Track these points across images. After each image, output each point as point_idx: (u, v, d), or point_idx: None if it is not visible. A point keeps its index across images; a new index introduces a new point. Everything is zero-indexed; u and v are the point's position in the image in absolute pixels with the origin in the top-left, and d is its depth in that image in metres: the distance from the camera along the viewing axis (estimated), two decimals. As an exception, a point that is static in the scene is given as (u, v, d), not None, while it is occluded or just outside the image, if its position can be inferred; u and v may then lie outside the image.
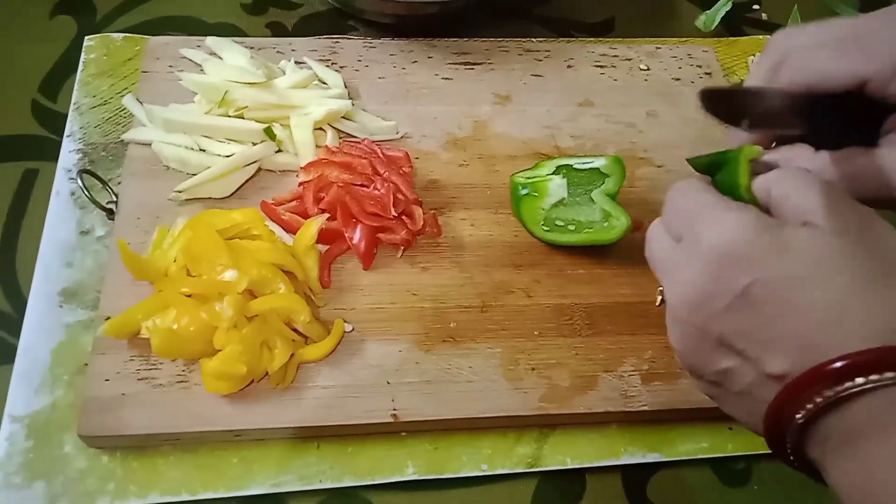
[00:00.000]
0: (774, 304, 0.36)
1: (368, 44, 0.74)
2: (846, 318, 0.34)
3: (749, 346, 0.36)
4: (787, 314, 0.35)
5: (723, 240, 0.37)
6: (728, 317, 0.37)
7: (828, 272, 0.36)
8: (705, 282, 0.37)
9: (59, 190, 0.62)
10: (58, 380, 0.54)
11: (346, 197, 0.59)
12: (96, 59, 0.70)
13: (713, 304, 0.37)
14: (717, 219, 0.38)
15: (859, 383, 0.32)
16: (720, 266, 0.37)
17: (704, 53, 0.78)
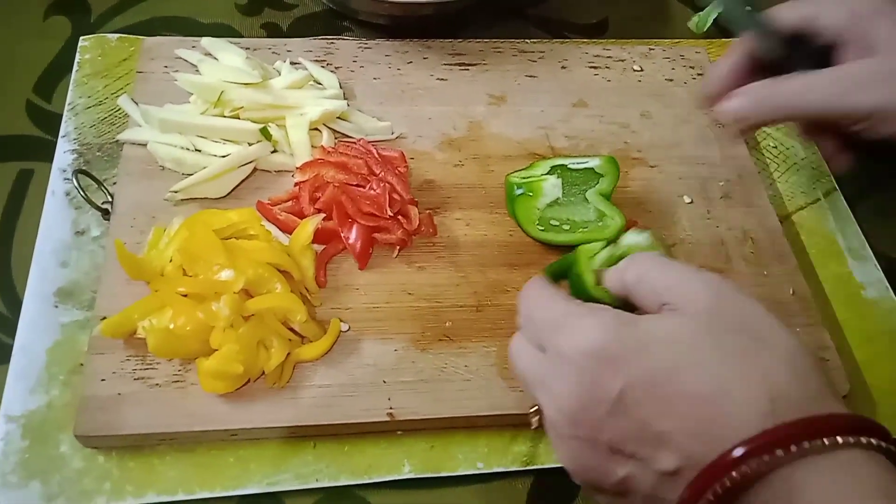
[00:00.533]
0: (651, 401, 0.35)
1: (363, 44, 0.74)
2: (724, 403, 0.34)
3: (638, 448, 0.36)
4: (665, 409, 0.35)
5: (586, 347, 0.37)
6: (611, 423, 0.36)
7: (695, 357, 0.35)
8: (579, 392, 0.37)
9: (54, 190, 0.62)
10: (54, 379, 0.54)
11: (341, 197, 0.59)
12: (91, 60, 0.70)
13: (593, 412, 0.36)
14: (576, 326, 0.38)
15: (754, 469, 0.32)
16: (590, 375, 0.36)
17: (697, 55, 0.78)
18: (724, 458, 0.33)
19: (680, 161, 0.69)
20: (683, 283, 0.38)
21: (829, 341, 0.59)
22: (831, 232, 0.68)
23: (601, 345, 0.37)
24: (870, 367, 0.61)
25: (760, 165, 0.72)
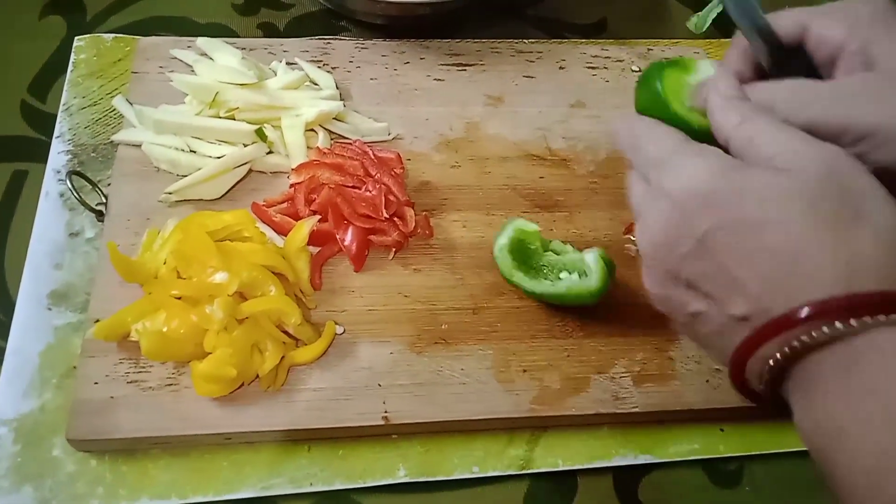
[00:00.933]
0: (732, 248, 0.36)
1: (360, 45, 0.73)
2: (803, 263, 0.34)
3: (714, 289, 0.37)
4: (745, 258, 0.36)
5: (684, 186, 0.38)
6: (691, 261, 0.37)
7: (785, 216, 0.36)
8: (667, 227, 0.38)
9: (48, 191, 0.62)
10: (46, 383, 0.53)
11: (337, 198, 0.58)
12: (86, 60, 0.70)
13: (676, 249, 0.38)
14: (681, 164, 0.39)
15: (816, 336, 0.33)
16: (681, 212, 0.37)
17: (696, 55, 0.78)
18: (788, 316, 0.34)
19: (678, 162, 0.69)
20: (798, 152, 0.38)
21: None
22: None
23: (699, 185, 0.37)
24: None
25: (759, 167, 0.71)
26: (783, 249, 0.35)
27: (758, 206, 0.36)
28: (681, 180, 0.38)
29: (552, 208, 0.64)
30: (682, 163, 0.39)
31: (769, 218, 0.36)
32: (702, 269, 0.37)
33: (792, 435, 0.56)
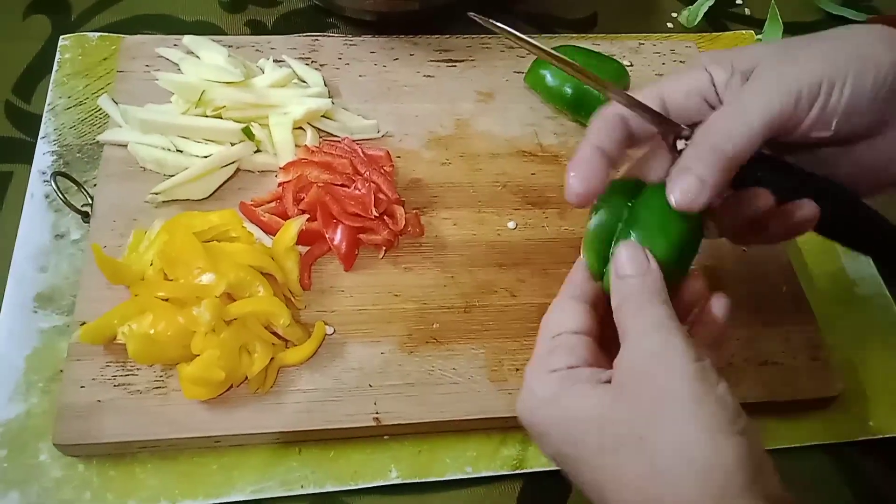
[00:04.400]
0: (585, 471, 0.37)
1: (349, 41, 0.73)
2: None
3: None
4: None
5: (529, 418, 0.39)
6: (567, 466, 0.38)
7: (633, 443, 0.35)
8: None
9: (33, 193, 0.61)
10: (32, 387, 0.52)
11: (326, 197, 0.58)
12: (71, 59, 0.69)
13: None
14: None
15: None
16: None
17: (688, 49, 0.77)
18: None
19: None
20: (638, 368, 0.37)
21: (822, 339, 0.58)
22: (824, 228, 0.68)
23: (528, 416, 0.39)
24: (863, 365, 0.60)
25: (752, 161, 0.71)
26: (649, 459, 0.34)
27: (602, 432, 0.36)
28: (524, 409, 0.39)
29: (544, 205, 0.64)
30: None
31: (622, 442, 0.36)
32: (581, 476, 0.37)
33: (789, 431, 0.56)
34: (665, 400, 0.35)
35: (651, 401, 0.35)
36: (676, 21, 0.84)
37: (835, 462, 0.56)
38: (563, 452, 0.37)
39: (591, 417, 0.36)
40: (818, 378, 0.56)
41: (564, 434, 0.37)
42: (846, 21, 0.85)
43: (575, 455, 0.37)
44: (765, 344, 0.58)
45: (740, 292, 0.60)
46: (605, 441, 0.35)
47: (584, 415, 0.37)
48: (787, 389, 0.56)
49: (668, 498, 0.33)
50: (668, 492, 0.33)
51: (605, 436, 0.35)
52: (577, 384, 0.38)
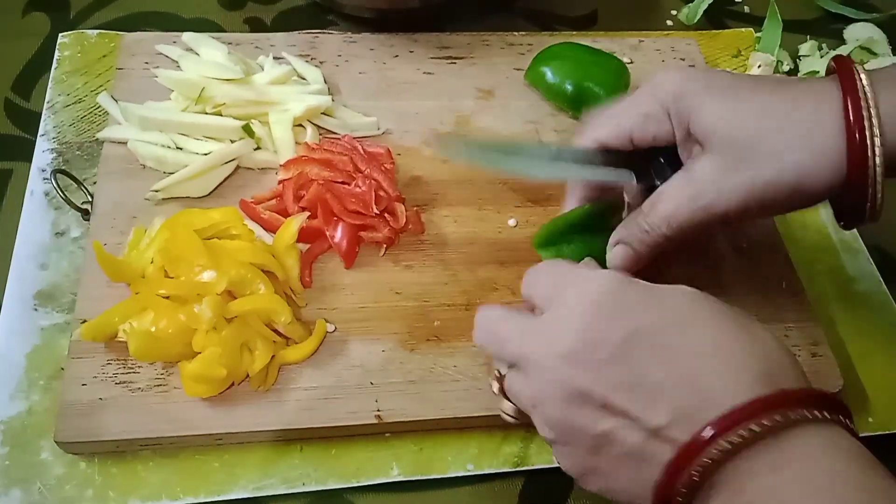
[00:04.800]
0: (654, 351, 0.36)
1: (348, 38, 0.73)
2: (723, 365, 0.35)
3: (630, 401, 0.35)
4: (666, 362, 0.35)
5: (597, 294, 0.38)
6: (608, 370, 0.36)
7: (700, 320, 0.37)
8: (583, 335, 0.37)
9: (33, 190, 0.61)
10: (34, 384, 0.52)
11: (326, 195, 0.58)
12: (70, 57, 0.69)
13: (592, 356, 0.36)
14: (587, 277, 0.39)
15: (745, 437, 0.32)
16: (598, 318, 0.37)
17: (688, 46, 0.77)
18: (722, 420, 0.33)
19: (670, 154, 0.69)
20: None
21: (822, 336, 0.59)
22: (823, 225, 0.68)
23: (612, 294, 0.37)
24: (862, 362, 0.60)
25: (752, 158, 0.71)
26: (703, 352, 0.35)
27: (673, 312, 0.37)
28: (591, 288, 0.38)
29: (544, 202, 0.64)
30: (587, 275, 0.40)
31: (686, 322, 0.36)
32: (619, 378, 0.36)
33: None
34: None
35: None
36: (676, 19, 0.84)
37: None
38: (661, 320, 0.37)
39: (694, 301, 0.38)
40: (818, 375, 0.57)
41: (669, 306, 0.37)
42: (845, 19, 0.85)
43: (684, 321, 0.37)
44: (765, 341, 0.58)
45: (739, 289, 0.60)
46: (726, 317, 0.37)
47: (685, 298, 0.38)
48: (787, 386, 0.56)
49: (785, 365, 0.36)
50: (787, 359, 0.36)
51: (723, 315, 0.37)
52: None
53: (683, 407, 0.34)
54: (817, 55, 0.80)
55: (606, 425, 0.36)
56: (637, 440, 0.35)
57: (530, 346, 0.39)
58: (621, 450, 0.36)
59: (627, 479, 0.37)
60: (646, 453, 0.35)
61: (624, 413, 0.36)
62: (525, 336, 0.40)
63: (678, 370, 0.35)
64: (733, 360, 0.35)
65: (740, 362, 0.35)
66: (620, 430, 0.36)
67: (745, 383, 0.34)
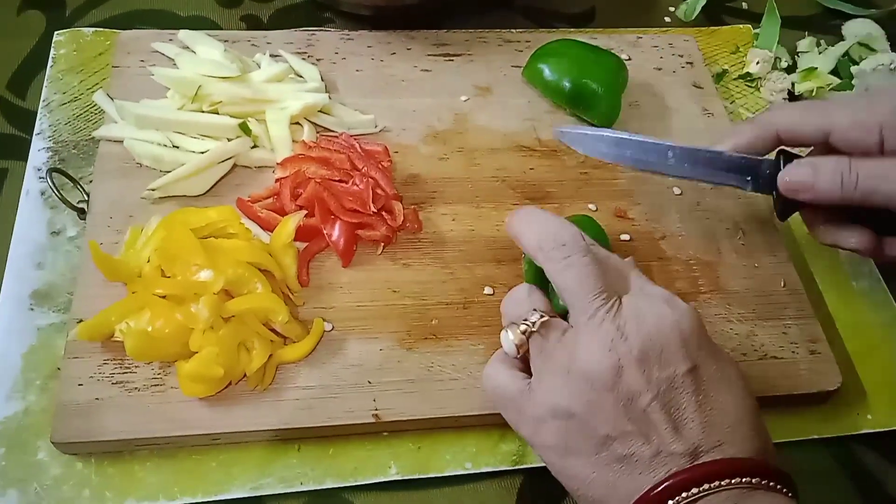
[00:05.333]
0: (697, 392, 0.40)
1: (345, 36, 0.72)
2: (750, 413, 0.41)
3: (662, 422, 0.39)
4: (701, 405, 0.40)
5: (685, 324, 0.41)
6: (663, 389, 0.40)
7: (736, 387, 0.41)
8: (661, 348, 0.40)
9: (28, 189, 0.61)
10: (30, 385, 0.52)
11: (324, 193, 0.57)
12: (66, 55, 0.69)
13: (657, 369, 0.40)
14: (677, 304, 0.42)
15: (734, 483, 0.38)
16: (675, 343, 0.40)
17: (686, 43, 0.77)
18: (747, 460, 0.39)
19: (669, 152, 0.68)
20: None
21: (821, 333, 0.58)
22: (822, 222, 0.67)
23: (694, 329, 0.42)
24: (861, 359, 0.60)
25: (750, 155, 0.71)
26: (728, 410, 0.40)
27: (723, 369, 0.42)
28: (678, 317, 0.41)
29: (542, 200, 0.64)
30: (675, 301, 0.43)
31: (727, 380, 0.41)
32: (665, 399, 0.39)
33: (788, 425, 0.56)
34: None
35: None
36: (674, 15, 0.83)
37: (835, 456, 0.56)
38: (717, 371, 0.42)
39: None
40: (817, 372, 0.56)
41: (729, 363, 0.43)
42: (844, 15, 0.85)
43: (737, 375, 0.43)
44: (763, 338, 0.58)
45: (739, 287, 0.60)
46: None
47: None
48: (786, 383, 0.56)
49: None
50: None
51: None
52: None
53: (696, 445, 0.39)
54: (816, 51, 0.80)
55: (633, 427, 0.39)
56: (647, 454, 0.39)
57: (609, 318, 0.41)
58: (625, 452, 0.39)
59: (605, 484, 0.40)
60: (646, 468, 0.39)
61: (653, 427, 0.39)
62: (609, 307, 0.42)
63: (703, 415, 0.39)
64: (742, 426, 0.40)
65: (748, 430, 0.40)
66: (643, 436, 0.39)
67: (747, 444, 0.39)
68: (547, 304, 0.45)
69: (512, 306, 0.46)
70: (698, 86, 0.74)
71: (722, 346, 0.44)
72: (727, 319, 0.58)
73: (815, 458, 0.56)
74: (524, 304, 0.45)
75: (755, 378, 0.56)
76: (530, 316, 0.43)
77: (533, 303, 0.44)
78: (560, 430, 0.41)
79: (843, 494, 0.55)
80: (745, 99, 0.76)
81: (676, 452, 0.39)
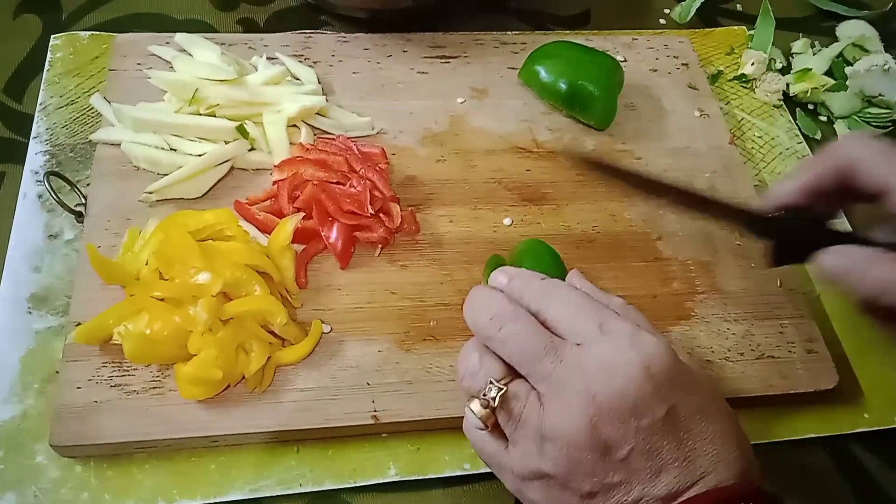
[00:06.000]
0: (677, 430, 0.39)
1: (342, 38, 0.72)
2: (730, 449, 0.40)
3: (644, 468, 0.38)
4: (681, 441, 0.39)
5: (655, 362, 0.39)
6: (641, 435, 0.38)
7: (716, 413, 0.41)
8: (633, 394, 0.38)
9: (26, 193, 0.60)
10: (28, 388, 0.52)
11: (321, 195, 0.58)
12: (63, 58, 0.69)
13: (632, 417, 0.38)
14: (643, 338, 0.40)
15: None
16: (648, 384, 0.39)
17: (681, 44, 0.77)
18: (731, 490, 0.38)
19: (665, 153, 0.69)
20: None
21: (817, 333, 0.59)
22: (818, 222, 0.68)
23: (667, 366, 0.40)
24: (858, 358, 0.60)
25: (746, 155, 0.71)
26: (712, 439, 0.39)
27: (702, 398, 0.40)
28: (648, 353, 0.39)
29: (539, 201, 0.64)
30: (640, 335, 0.40)
31: (708, 410, 0.40)
32: (644, 445, 0.38)
33: (786, 424, 0.56)
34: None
35: None
36: (669, 17, 0.84)
37: (832, 454, 0.57)
38: (709, 403, 0.41)
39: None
40: (814, 371, 0.57)
41: (710, 395, 0.42)
42: (837, 16, 0.85)
43: (708, 406, 0.41)
44: (760, 338, 0.58)
45: (736, 287, 0.61)
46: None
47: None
48: (783, 383, 0.56)
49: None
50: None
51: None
52: None
53: (679, 483, 0.38)
54: (810, 53, 0.80)
55: (615, 478, 0.39)
56: (630, 500, 0.38)
57: (569, 374, 0.39)
58: (615, 500, 0.39)
59: None
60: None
61: (634, 475, 0.38)
62: (563, 361, 0.39)
63: (685, 451, 0.39)
64: (725, 452, 0.39)
65: (730, 453, 0.39)
66: (625, 485, 0.38)
67: (731, 469, 0.39)
68: (500, 367, 0.41)
69: (467, 380, 0.42)
70: (694, 87, 0.74)
71: (700, 371, 0.43)
72: (724, 319, 0.59)
73: (812, 457, 0.56)
74: (478, 376, 0.41)
75: (752, 378, 0.56)
76: (488, 391, 0.40)
77: (487, 372, 0.41)
78: (543, 489, 0.40)
79: (840, 492, 0.55)
80: (741, 100, 0.76)
81: (659, 496, 0.38)
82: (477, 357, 0.42)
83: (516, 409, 0.40)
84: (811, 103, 0.78)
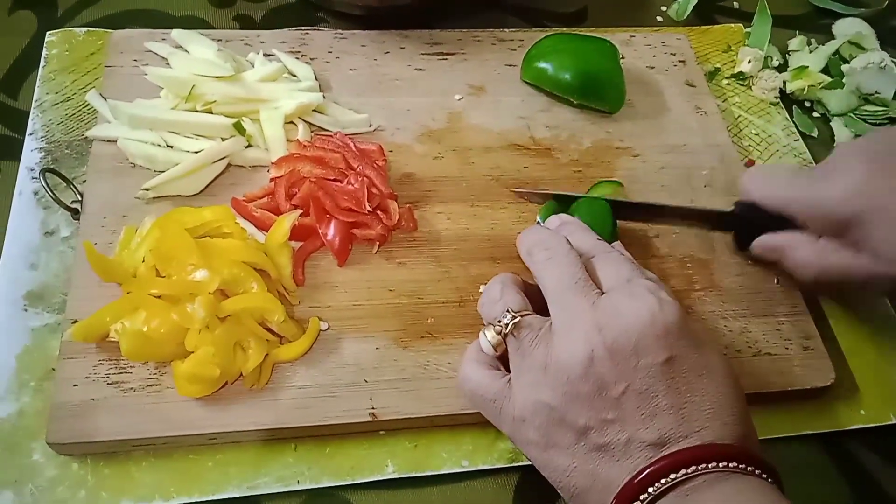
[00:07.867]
0: (675, 381, 0.40)
1: (339, 35, 0.72)
2: (723, 415, 0.41)
3: (636, 411, 0.40)
4: (677, 393, 0.40)
5: (667, 316, 0.41)
6: (637, 378, 0.40)
7: (717, 374, 0.42)
8: (636, 339, 0.40)
9: (21, 190, 0.60)
10: (24, 386, 0.52)
11: (318, 192, 0.57)
12: (58, 55, 0.68)
13: (631, 359, 0.40)
14: (662, 298, 0.42)
15: (711, 468, 0.38)
16: (653, 333, 0.41)
17: (678, 41, 0.77)
18: (719, 447, 0.39)
19: (663, 150, 0.69)
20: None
21: (814, 330, 0.59)
22: (814, 219, 0.68)
23: (675, 321, 0.41)
24: (854, 356, 0.60)
25: (743, 153, 0.71)
26: (707, 395, 0.41)
27: (706, 357, 0.42)
28: (661, 310, 0.41)
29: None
30: (660, 295, 0.43)
31: (708, 368, 0.41)
32: (640, 387, 0.40)
33: (782, 421, 0.56)
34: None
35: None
36: (666, 15, 0.84)
37: (828, 451, 0.57)
38: (698, 363, 0.42)
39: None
40: (810, 368, 0.57)
41: (713, 355, 0.43)
42: (834, 14, 0.85)
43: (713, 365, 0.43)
44: (757, 335, 0.58)
45: (733, 284, 0.61)
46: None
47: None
48: (779, 380, 0.56)
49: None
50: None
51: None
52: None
53: (671, 432, 0.39)
54: (806, 50, 0.80)
55: (609, 415, 0.40)
56: (622, 440, 0.40)
57: (587, 310, 0.42)
58: (603, 441, 0.40)
59: (586, 474, 0.41)
60: (622, 455, 0.40)
61: (628, 414, 0.40)
62: (587, 299, 0.43)
63: (681, 402, 0.40)
64: (723, 413, 0.40)
65: (729, 416, 0.41)
66: (618, 423, 0.40)
67: (727, 430, 0.40)
68: (520, 300, 0.46)
69: (487, 306, 0.47)
70: (691, 84, 0.74)
71: (715, 342, 0.45)
72: (721, 316, 0.59)
73: (809, 454, 0.56)
74: (497, 304, 0.46)
75: (749, 374, 0.56)
76: (503, 317, 0.44)
77: (506, 302, 0.45)
78: (540, 425, 0.42)
79: (836, 489, 0.55)
80: (738, 97, 0.76)
81: (649, 441, 0.39)
82: (499, 288, 0.47)
83: (528, 338, 0.43)
84: (808, 101, 0.78)
